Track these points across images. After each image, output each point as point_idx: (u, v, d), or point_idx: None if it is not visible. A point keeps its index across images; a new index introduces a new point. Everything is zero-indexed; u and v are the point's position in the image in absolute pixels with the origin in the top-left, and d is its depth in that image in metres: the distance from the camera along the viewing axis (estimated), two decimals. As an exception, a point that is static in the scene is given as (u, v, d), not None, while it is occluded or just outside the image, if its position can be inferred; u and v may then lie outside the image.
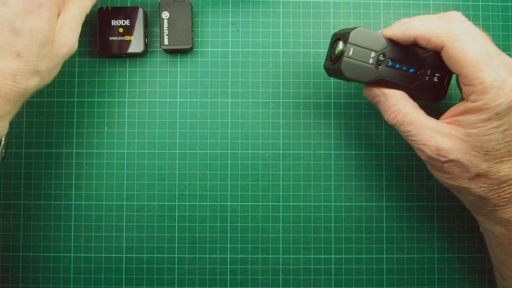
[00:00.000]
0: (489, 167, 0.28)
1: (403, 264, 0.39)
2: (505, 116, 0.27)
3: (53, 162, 0.39)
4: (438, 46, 0.28)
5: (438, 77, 0.32)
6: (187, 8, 0.38)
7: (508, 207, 0.29)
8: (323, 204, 0.39)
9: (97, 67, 0.39)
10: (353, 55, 0.30)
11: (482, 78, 0.26)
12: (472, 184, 0.29)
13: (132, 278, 0.39)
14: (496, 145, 0.27)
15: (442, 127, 0.29)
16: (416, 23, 0.29)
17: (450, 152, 0.29)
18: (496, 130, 0.27)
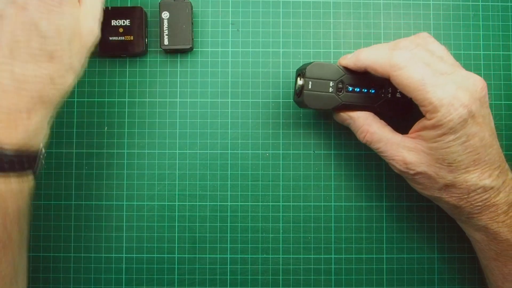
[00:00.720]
0: (455, 177, 0.29)
1: (403, 264, 0.39)
2: (460, 130, 0.28)
3: (53, 162, 0.39)
4: (385, 75, 0.30)
5: (400, 93, 0.33)
6: (187, 8, 0.38)
7: (483, 214, 0.30)
8: (323, 204, 0.39)
9: (97, 67, 0.39)
10: (313, 87, 0.33)
11: (430, 98, 0.27)
12: (443, 194, 0.31)
13: (132, 278, 0.39)
14: (457, 157, 0.28)
15: (407, 142, 0.31)
16: (364, 54, 0.31)
17: (417, 165, 0.30)
18: (454, 143, 0.28)
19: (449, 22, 0.40)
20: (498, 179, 0.29)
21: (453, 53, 0.40)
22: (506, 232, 0.30)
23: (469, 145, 0.28)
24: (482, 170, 0.29)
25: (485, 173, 0.29)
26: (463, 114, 0.27)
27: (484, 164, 0.29)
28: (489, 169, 0.29)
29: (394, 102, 0.34)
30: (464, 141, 0.28)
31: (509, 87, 0.40)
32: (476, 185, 0.29)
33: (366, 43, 0.40)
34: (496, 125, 0.39)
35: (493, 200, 0.29)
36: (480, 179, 0.29)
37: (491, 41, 0.40)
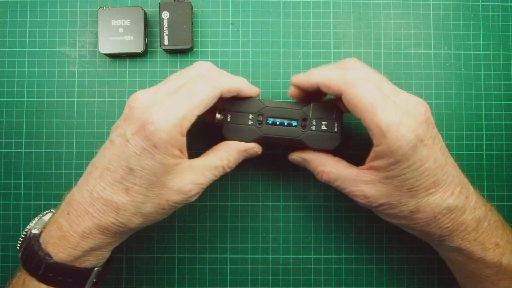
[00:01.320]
0: (417, 202, 0.28)
1: (403, 264, 0.39)
2: (411, 156, 0.27)
3: (53, 162, 0.39)
4: (338, 92, 0.29)
5: (326, 125, 0.32)
6: (187, 8, 0.38)
7: (453, 236, 0.29)
8: (323, 204, 0.39)
9: (97, 67, 0.39)
10: (232, 120, 0.33)
11: (378, 122, 0.27)
12: (410, 222, 0.30)
13: (132, 278, 0.39)
14: (415, 182, 0.28)
15: (363, 175, 0.30)
16: (318, 72, 0.30)
17: (378, 197, 0.29)
18: (409, 169, 0.27)
19: (449, 22, 0.40)
20: (460, 195, 0.29)
21: (453, 53, 0.40)
22: (479, 250, 0.29)
23: (424, 169, 0.27)
24: (443, 190, 0.28)
25: (447, 192, 0.28)
26: (411, 140, 0.27)
27: (444, 183, 0.28)
28: (449, 187, 0.28)
29: (319, 134, 0.32)
30: (418, 166, 0.27)
31: (509, 87, 0.40)
32: (440, 206, 0.28)
33: (366, 43, 0.40)
34: (496, 125, 0.40)
35: (460, 218, 0.29)
36: (443, 200, 0.28)
37: (491, 41, 0.40)
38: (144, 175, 0.27)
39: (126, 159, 0.27)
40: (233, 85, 0.31)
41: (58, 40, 0.39)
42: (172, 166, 0.28)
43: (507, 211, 0.39)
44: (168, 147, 0.27)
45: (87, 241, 0.28)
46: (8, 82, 0.39)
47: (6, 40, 0.39)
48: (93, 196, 0.28)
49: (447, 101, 0.40)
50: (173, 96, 0.28)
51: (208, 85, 0.29)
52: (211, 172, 0.30)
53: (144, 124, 0.27)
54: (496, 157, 0.40)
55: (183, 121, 0.28)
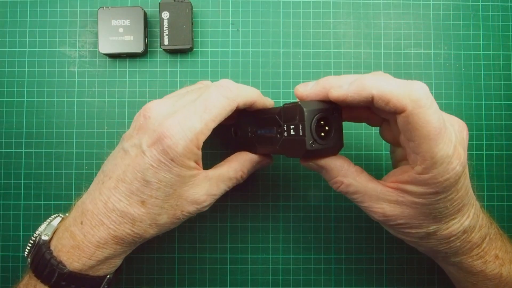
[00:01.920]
0: (438, 227, 0.28)
1: (403, 264, 0.39)
2: (452, 187, 0.26)
3: (53, 162, 0.39)
4: (398, 109, 0.24)
5: (294, 129, 0.28)
6: (187, 8, 0.38)
7: (458, 254, 0.29)
8: (323, 204, 0.39)
9: (97, 67, 0.39)
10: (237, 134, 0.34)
11: (435, 153, 0.24)
12: (423, 241, 0.29)
13: (132, 278, 0.39)
14: (444, 210, 0.27)
15: (388, 194, 0.27)
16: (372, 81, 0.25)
17: (398, 218, 0.28)
18: (445, 199, 0.26)
19: (449, 22, 0.40)
20: (474, 216, 0.28)
21: (453, 53, 0.40)
22: (480, 264, 0.29)
23: (457, 197, 0.26)
24: (463, 213, 0.28)
25: (465, 216, 0.28)
26: (459, 172, 0.25)
27: (465, 208, 0.28)
28: (467, 210, 0.28)
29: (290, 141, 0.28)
30: (453, 196, 0.26)
31: (509, 87, 0.40)
32: (457, 229, 0.28)
33: (366, 43, 0.40)
34: (496, 125, 0.40)
35: (469, 238, 0.28)
36: (461, 223, 0.28)
37: (491, 41, 0.40)
38: (161, 187, 0.27)
39: (142, 171, 0.27)
40: (248, 97, 0.30)
41: (58, 40, 0.39)
42: (188, 178, 0.28)
43: (507, 211, 0.39)
44: (185, 160, 0.27)
45: (103, 251, 0.28)
46: (8, 82, 0.39)
47: (6, 40, 0.39)
48: (107, 207, 0.28)
49: (447, 101, 0.40)
50: (189, 109, 0.28)
51: (224, 97, 0.28)
52: (225, 183, 0.31)
53: (161, 137, 0.27)
54: (496, 157, 0.40)
55: (199, 135, 0.27)
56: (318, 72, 0.40)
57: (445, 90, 0.40)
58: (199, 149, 0.28)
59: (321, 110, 0.27)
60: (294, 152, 0.28)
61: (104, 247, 0.28)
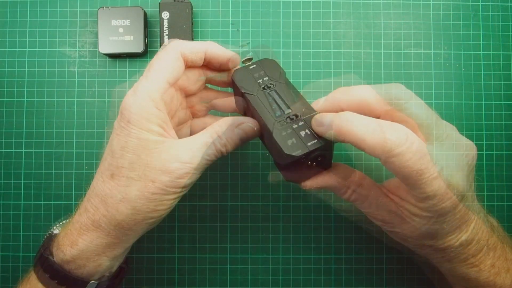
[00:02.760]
0: (435, 242, 0.28)
1: (403, 264, 0.39)
2: (449, 212, 0.26)
3: (53, 162, 0.39)
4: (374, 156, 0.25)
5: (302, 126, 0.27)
6: (187, 8, 0.38)
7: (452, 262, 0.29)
8: (323, 204, 0.39)
9: (97, 67, 0.39)
10: None
11: (425, 191, 0.24)
12: (419, 249, 0.29)
13: (132, 278, 0.39)
14: (441, 230, 0.27)
15: (389, 205, 0.28)
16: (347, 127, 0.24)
17: (396, 226, 0.28)
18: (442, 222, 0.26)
19: (449, 22, 0.40)
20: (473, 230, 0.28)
21: (453, 53, 0.40)
22: (474, 272, 0.29)
23: (454, 219, 0.26)
24: (460, 230, 0.27)
25: (463, 231, 0.28)
26: (454, 201, 0.25)
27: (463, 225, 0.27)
28: (466, 226, 0.28)
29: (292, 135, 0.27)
30: (451, 219, 0.26)
31: (509, 87, 0.40)
32: (454, 244, 0.28)
33: (366, 43, 0.40)
34: (496, 125, 0.40)
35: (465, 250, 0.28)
36: (457, 239, 0.27)
37: (491, 41, 0.40)
38: (124, 154, 0.27)
39: (110, 142, 0.28)
40: (195, 46, 0.29)
41: (58, 40, 0.39)
42: (152, 143, 0.27)
43: (507, 211, 0.39)
44: (142, 121, 0.26)
45: (83, 238, 0.28)
46: (8, 82, 0.39)
47: (6, 40, 0.39)
48: (90, 191, 0.28)
49: (447, 101, 0.40)
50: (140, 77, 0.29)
51: (164, 52, 0.29)
52: (199, 150, 0.27)
53: (121, 108, 0.27)
54: (496, 157, 0.40)
55: (150, 93, 0.27)
56: (318, 72, 0.40)
57: (445, 90, 0.40)
58: (158, 109, 0.27)
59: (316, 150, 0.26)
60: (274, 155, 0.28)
61: (84, 233, 0.28)
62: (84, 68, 0.39)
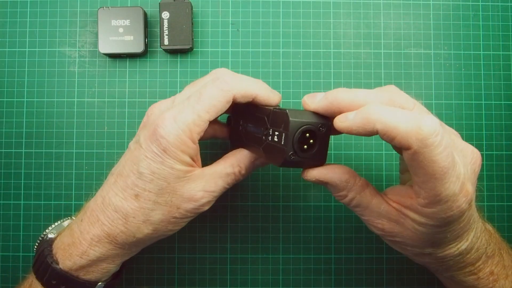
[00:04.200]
0: (434, 250, 0.27)
1: (403, 264, 0.39)
2: (455, 221, 0.25)
3: (53, 162, 0.39)
4: (404, 146, 0.23)
5: (277, 135, 0.26)
6: (187, 8, 0.38)
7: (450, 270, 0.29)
8: (323, 204, 0.39)
9: (97, 67, 0.39)
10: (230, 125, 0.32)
11: (441, 192, 0.23)
12: (417, 258, 0.29)
13: (132, 278, 0.39)
14: (443, 239, 0.27)
15: (390, 212, 0.27)
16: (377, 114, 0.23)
17: (396, 235, 0.28)
18: (446, 231, 0.26)
19: (449, 22, 0.40)
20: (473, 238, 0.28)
21: (453, 53, 0.40)
22: (472, 280, 0.29)
23: (459, 228, 0.26)
24: (461, 239, 0.27)
25: (463, 240, 0.27)
26: (464, 210, 0.24)
27: (464, 234, 0.27)
28: (466, 235, 0.27)
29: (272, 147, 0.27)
30: (455, 229, 0.26)
31: (509, 87, 0.40)
32: (453, 252, 0.27)
33: (366, 43, 0.40)
34: (496, 125, 0.40)
35: (463, 259, 0.28)
36: (458, 248, 0.27)
37: (491, 41, 0.40)
38: (154, 180, 0.27)
39: (137, 163, 0.27)
40: (247, 90, 0.28)
41: (58, 40, 0.39)
42: (183, 173, 0.27)
43: (507, 211, 0.39)
44: (178, 153, 0.27)
45: (95, 249, 0.28)
46: (8, 82, 0.39)
47: (6, 40, 0.39)
48: (105, 203, 0.28)
49: (447, 101, 0.40)
50: (184, 102, 0.28)
51: (218, 89, 0.28)
52: (222, 179, 0.29)
53: (155, 128, 0.27)
54: (496, 157, 0.40)
55: (191, 126, 0.27)
56: (318, 72, 0.40)
57: (445, 90, 0.40)
58: (194, 142, 0.27)
59: (308, 123, 0.26)
60: (273, 159, 0.27)
61: (97, 245, 0.28)
62: (84, 68, 0.39)
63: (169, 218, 0.28)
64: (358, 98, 0.25)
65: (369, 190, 0.28)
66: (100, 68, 0.39)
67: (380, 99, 0.25)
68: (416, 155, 0.23)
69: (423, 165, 0.23)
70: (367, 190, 0.28)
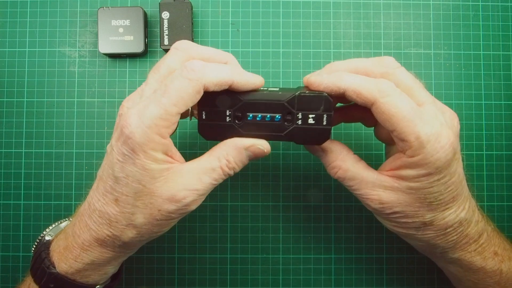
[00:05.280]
0: (434, 216, 0.28)
1: (403, 264, 0.39)
2: (445, 169, 0.26)
3: (53, 162, 0.39)
4: (369, 101, 0.26)
5: (314, 118, 0.28)
6: (187, 8, 0.38)
7: (456, 248, 0.29)
8: (323, 204, 0.39)
9: (97, 67, 0.39)
10: (208, 117, 0.29)
11: (418, 132, 0.25)
12: (419, 232, 0.29)
13: (132, 278, 0.39)
14: (439, 196, 0.27)
15: (384, 180, 0.28)
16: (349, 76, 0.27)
17: (394, 205, 0.28)
18: (438, 182, 0.26)
19: (449, 22, 0.40)
20: (469, 209, 0.28)
21: (453, 53, 0.40)
22: (479, 260, 0.29)
23: (451, 183, 0.27)
24: (458, 204, 0.28)
25: (460, 207, 0.28)
26: (449, 152, 0.25)
27: (460, 198, 0.28)
28: (463, 202, 0.28)
29: (306, 129, 0.28)
30: (447, 180, 0.26)
31: (509, 87, 0.40)
32: (454, 220, 0.28)
33: (366, 43, 0.40)
34: (496, 125, 0.40)
35: (466, 231, 0.28)
36: (457, 214, 0.28)
37: (491, 41, 0.40)
38: (128, 183, 0.26)
39: (112, 167, 0.26)
40: (220, 78, 0.26)
41: (58, 40, 0.39)
42: (158, 172, 0.26)
43: (507, 211, 0.39)
44: (148, 151, 0.25)
45: (87, 253, 0.28)
46: (8, 82, 0.39)
47: (6, 40, 0.39)
48: (91, 208, 0.27)
49: (447, 101, 0.40)
50: (149, 97, 0.26)
51: (186, 79, 0.25)
52: (207, 175, 0.27)
53: (122, 129, 0.25)
54: (496, 157, 0.40)
55: (158, 121, 0.25)
56: (318, 72, 0.40)
57: (445, 90, 0.40)
58: (164, 137, 0.26)
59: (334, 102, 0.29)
60: (309, 140, 0.29)
61: (88, 249, 0.28)
62: (84, 68, 0.39)
63: (152, 221, 0.27)
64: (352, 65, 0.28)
65: (361, 163, 0.29)
66: (100, 68, 0.39)
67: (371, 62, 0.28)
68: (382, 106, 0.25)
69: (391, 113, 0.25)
70: (360, 163, 0.29)
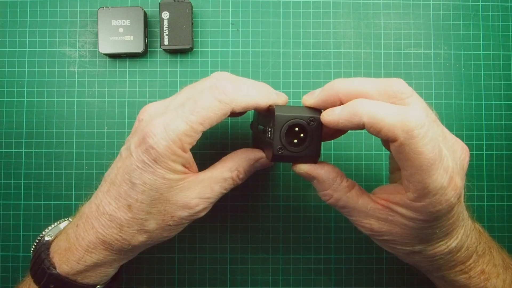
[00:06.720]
0: (425, 248, 0.27)
1: (403, 264, 0.39)
2: (444, 216, 0.25)
3: (53, 162, 0.39)
4: (390, 138, 0.23)
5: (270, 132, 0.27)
6: (187, 8, 0.38)
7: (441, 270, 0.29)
8: (323, 204, 0.39)
9: (97, 67, 0.39)
10: None
11: (428, 184, 0.23)
12: (407, 257, 0.29)
13: (132, 278, 0.39)
14: (432, 235, 0.26)
15: (377, 211, 0.27)
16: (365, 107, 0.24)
17: (386, 234, 0.27)
18: (435, 226, 0.26)
19: (449, 22, 0.40)
20: (462, 236, 0.28)
21: (453, 53, 0.40)
22: (463, 279, 0.29)
23: (448, 224, 0.26)
24: (450, 236, 0.27)
25: (453, 238, 0.27)
26: (453, 204, 0.24)
27: (454, 231, 0.27)
28: (456, 233, 0.27)
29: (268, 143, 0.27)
30: (444, 224, 0.26)
31: (509, 87, 0.40)
32: (443, 250, 0.27)
33: (366, 43, 0.40)
34: (496, 125, 0.40)
35: (454, 257, 0.28)
36: (448, 245, 0.27)
37: (491, 41, 0.40)
38: (146, 191, 0.26)
39: (129, 173, 0.26)
40: (247, 102, 0.27)
41: (58, 40, 0.39)
42: (175, 181, 0.27)
43: (507, 211, 0.39)
44: (169, 162, 0.26)
45: (91, 255, 0.28)
46: (8, 82, 0.39)
47: (6, 40, 0.39)
48: (99, 211, 0.27)
49: (447, 101, 0.40)
50: (177, 110, 0.26)
51: (216, 100, 0.26)
52: (219, 184, 0.28)
53: (145, 137, 0.26)
54: (496, 157, 0.40)
55: (183, 137, 0.26)
56: (318, 72, 0.40)
57: (445, 90, 0.40)
58: (185, 151, 0.26)
59: (294, 118, 0.26)
60: (268, 155, 0.28)
61: (93, 251, 0.28)
62: (84, 68, 0.39)
63: (163, 226, 0.28)
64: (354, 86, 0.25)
65: (355, 191, 0.28)
66: (100, 68, 0.39)
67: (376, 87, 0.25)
68: (402, 147, 0.23)
69: (409, 157, 0.23)
70: (353, 190, 0.28)
